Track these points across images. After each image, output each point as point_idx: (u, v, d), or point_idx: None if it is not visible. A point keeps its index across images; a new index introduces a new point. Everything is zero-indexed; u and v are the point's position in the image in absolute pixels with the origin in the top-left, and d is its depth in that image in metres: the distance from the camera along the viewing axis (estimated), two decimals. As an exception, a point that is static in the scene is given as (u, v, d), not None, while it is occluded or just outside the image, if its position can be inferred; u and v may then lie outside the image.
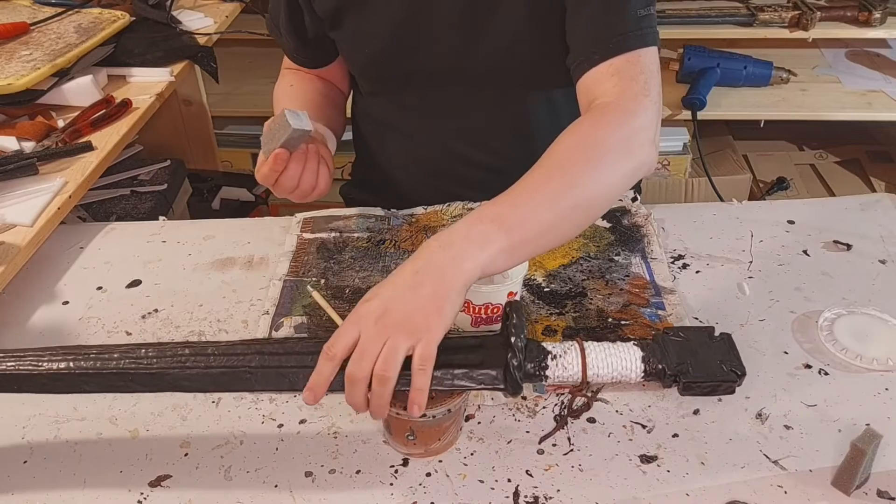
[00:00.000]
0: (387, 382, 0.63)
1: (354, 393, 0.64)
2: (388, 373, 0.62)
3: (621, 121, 0.77)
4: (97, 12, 1.40)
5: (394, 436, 0.72)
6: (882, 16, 1.83)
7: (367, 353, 0.63)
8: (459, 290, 0.65)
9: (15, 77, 1.17)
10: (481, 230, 0.67)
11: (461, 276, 0.65)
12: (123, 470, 0.72)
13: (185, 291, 0.94)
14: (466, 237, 0.67)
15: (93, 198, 1.44)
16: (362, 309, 0.66)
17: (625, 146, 0.75)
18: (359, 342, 0.64)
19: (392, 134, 1.09)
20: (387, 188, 1.13)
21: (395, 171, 1.12)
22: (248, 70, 2.15)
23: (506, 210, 0.70)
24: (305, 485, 0.70)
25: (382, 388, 0.63)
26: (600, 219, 1.01)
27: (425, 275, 0.65)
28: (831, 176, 2.20)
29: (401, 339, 0.63)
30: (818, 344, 0.83)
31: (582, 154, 0.74)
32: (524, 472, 0.70)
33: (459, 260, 0.66)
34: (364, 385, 0.63)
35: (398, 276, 0.67)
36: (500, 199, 0.71)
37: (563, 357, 0.71)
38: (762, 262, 0.95)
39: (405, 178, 1.11)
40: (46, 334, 0.89)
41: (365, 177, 1.20)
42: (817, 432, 0.73)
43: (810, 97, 1.96)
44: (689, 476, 0.69)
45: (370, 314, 0.64)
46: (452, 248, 0.66)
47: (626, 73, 0.80)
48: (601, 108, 0.79)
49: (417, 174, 1.09)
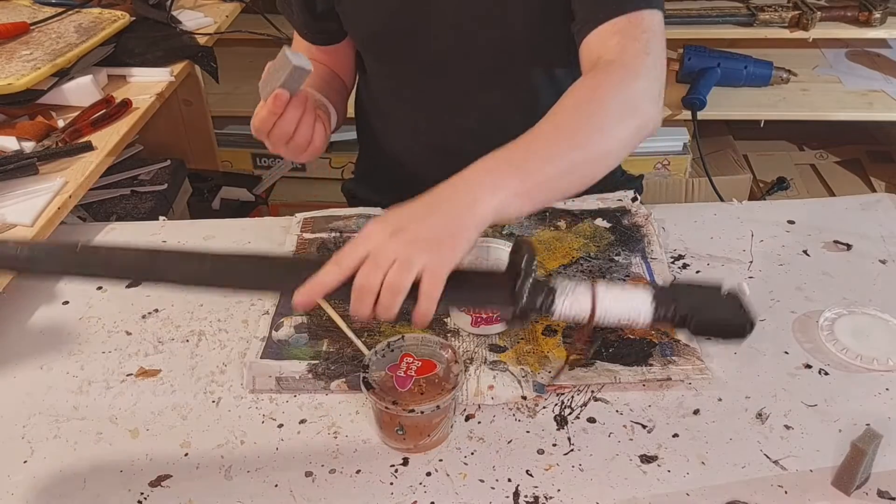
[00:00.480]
0: (398, 293, 0.61)
1: (364, 301, 0.62)
2: (402, 283, 0.61)
3: (624, 78, 0.77)
4: (97, 12, 1.40)
5: (384, 430, 0.73)
6: (882, 16, 1.83)
7: (380, 264, 0.61)
8: (472, 229, 0.64)
9: (15, 77, 1.17)
10: (494, 174, 0.67)
11: (474, 217, 0.64)
12: (123, 470, 0.72)
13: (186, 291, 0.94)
14: (479, 181, 0.67)
15: (93, 198, 1.44)
16: (373, 226, 0.64)
17: (628, 104, 0.75)
18: (371, 254, 0.62)
19: (397, 113, 1.09)
20: (391, 174, 1.13)
21: (401, 153, 1.11)
22: (248, 70, 2.13)
23: (518, 156, 0.69)
24: (305, 485, 0.70)
25: (393, 298, 0.61)
26: (600, 219, 1.01)
27: (437, 208, 0.65)
28: (831, 176, 2.20)
29: (415, 252, 0.61)
30: (818, 344, 0.83)
31: (586, 110, 0.74)
32: (524, 472, 0.70)
33: (472, 201, 0.65)
34: (373, 296, 0.62)
35: (410, 206, 0.66)
36: (511, 147, 0.70)
37: (573, 293, 0.67)
38: (762, 262, 0.95)
39: (410, 159, 1.10)
40: (46, 334, 0.89)
41: (368, 169, 1.20)
42: (817, 432, 0.73)
43: (811, 97, 1.96)
44: (689, 476, 0.69)
45: (383, 230, 0.63)
46: (465, 189, 0.66)
47: (628, 33, 0.80)
48: (604, 66, 0.79)
49: (423, 153, 1.09)
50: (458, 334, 0.84)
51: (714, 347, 0.82)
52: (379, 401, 0.69)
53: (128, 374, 0.82)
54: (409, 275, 0.61)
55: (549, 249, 0.96)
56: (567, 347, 0.79)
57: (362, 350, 0.79)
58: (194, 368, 0.83)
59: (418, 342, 0.75)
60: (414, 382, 0.71)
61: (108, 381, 0.82)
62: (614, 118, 0.74)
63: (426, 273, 0.61)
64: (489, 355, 0.81)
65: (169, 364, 0.84)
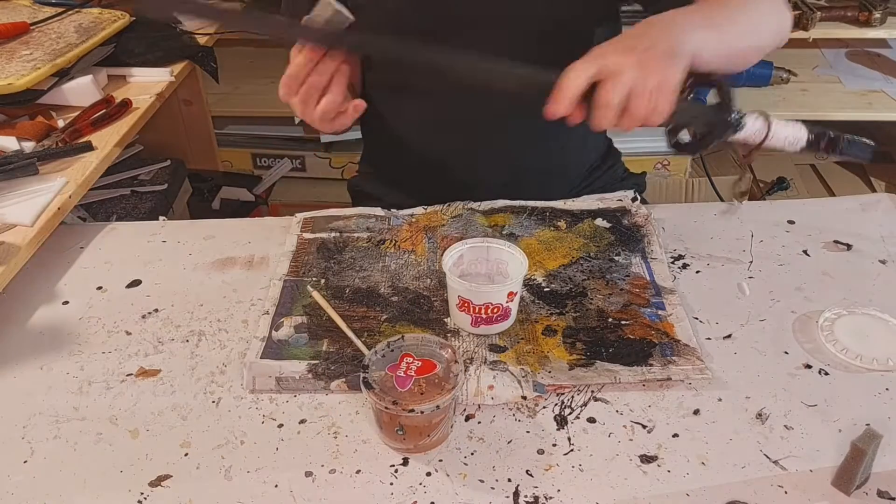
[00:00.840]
0: (661, 114, 0.69)
1: (608, 118, 0.69)
2: (663, 106, 0.69)
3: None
4: (97, 12, 1.41)
5: (384, 430, 0.73)
6: (882, 16, 1.83)
7: (624, 80, 0.68)
8: (685, 56, 0.70)
9: (15, 77, 1.17)
10: (688, 20, 0.75)
11: (684, 46, 0.71)
12: (123, 470, 0.72)
13: (186, 291, 0.94)
14: (679, 24, 0.74)
15: (93, 198, 1.44)
16: (596, 52, 0.71)
17: (776, 11, 0.87)
18: (611, 71, 0.68)
19: (407, 95, 1.06)
20: (398, 167, 1.12)
21: (410, 135, 1.10)
22: (248, 70, 2.15)
23: (702, 16, 0.77)
24: (305, 485, 0.70)
25: (662, 96, 0.68)
26: (600, 219, 1.01)
27: (655, 38, 0.71)
28: (831, 176, 2.20)
29: (659, 69, 0.68)
30: (818, 344, 0.83)
31: (745, 7, 0.83)
32: (524, 472, 0.70)
33: (679, 32, 0.73)
34: (617, 112, 0.69)
35: (626, 36, 0.73)
36: (691, 10, 0.78)
37: (754, 118, 0.81)
38: (762, 262, 0.95)
39: (419, 140, 1.09)
40: (46, 334, 0.89)
41: (373, 164, 1.20)
42: (817, 432, 0.73)
43: (811, 97, 1.96)
44: (689, 476, 0.69)
45: (614, 50, 0.70)
46: (670, 26, 0.73)
47: None
48: None
49: (434, 132, 1.08)
50: (458, 334, 0.84)
51: (714, 347, 0.83)
52: (379, 401, 0.69)
53: (128, 374, 0.82)
54: (672, 94, 0.69)
55: (549, 249, 0.96)
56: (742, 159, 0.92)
57: (362, 350, 0.79)
58: (194, 368, 0.83)
59: (418, 342, 0.75)
60: (414, 382, 0.71)
61: (108, 381, 0.82)
62: (768, 19, 0.86)
63: (663, 84, 0.69)
64: (489, 355, 0.81)
65: (169, 364, 0.84)
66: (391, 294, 0.90)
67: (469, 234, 0.98)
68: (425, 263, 0.95)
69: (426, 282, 0.92)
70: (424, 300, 0.89)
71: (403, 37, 0.76)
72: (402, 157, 1.13)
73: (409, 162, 1.12)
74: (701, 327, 0.86)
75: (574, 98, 0.70)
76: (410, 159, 1.12)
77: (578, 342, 0.83)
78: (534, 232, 0.99)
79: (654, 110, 0.70)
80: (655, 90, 0.69)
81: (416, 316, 0.87)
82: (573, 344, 0.83)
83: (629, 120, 0.70)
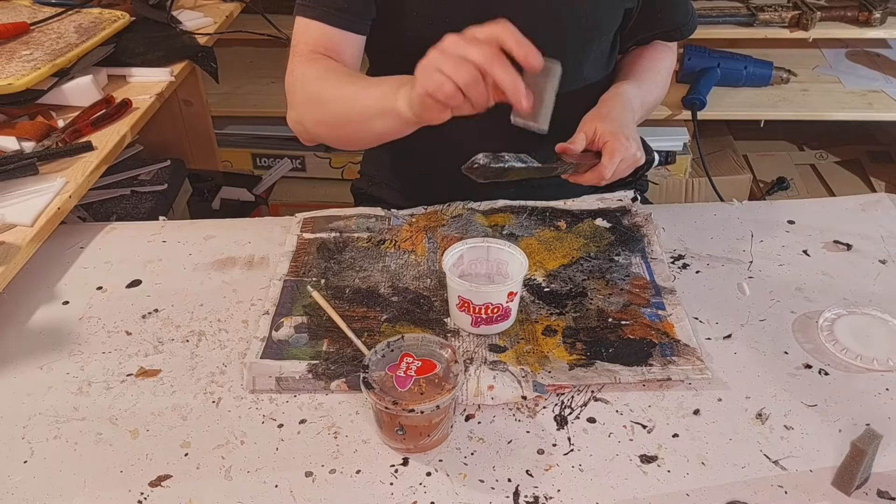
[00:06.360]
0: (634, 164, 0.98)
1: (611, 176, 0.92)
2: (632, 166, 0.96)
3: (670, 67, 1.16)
4: (97, 12, 1.40)
5: (384, 430, 0.73)
6: (882, 16, 1.83)
7: (627, 155, 0.92)
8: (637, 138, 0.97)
9: (15, 77, 1.17)
10: (635, 114, 1.02)
11: (634, 130, 0.98)
12: (123, 470, 0.72)
13: (186, 291, 0.94)
14: (633, 114, 1.01)
15: (93, 198, 1.44)
16: (615, 132, 0.92)
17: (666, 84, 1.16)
18: (623, 148, 0.91)
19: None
20: (400, 164, 1.12)
21: (411, 136, 1.08)
22: (248, 70, 2.15)
23: (640, 101, 1.05)
24: (305, 485, 0.70)
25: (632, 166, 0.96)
26: (600, 219, 1.01)
27: (629, 129, 0.96)
28: (831, 176, 2.20)
29: (637, 150, 0.95)
30: (818, 344, 0.83)
31: (664, 79, 1.13)
32: (524, 472, 0.70)
33: (632, 121, 1.00)
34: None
35: (618, 121, 0.95)
36: (623, 102, 1.00)
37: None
38: (762, 262, 0.95)
39: (419, 153, 1.09)
40: (46, 334, 0.89)
41: (375, 165, 1.20)
42: (817, 432, 0.73)
43: (811, 97, 1.96)
44: (689, 476, 0.69)
45: (622, 134, 0.92)
46: (630, 119, 0.99)
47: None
48: (664, 52, 1.14)
49: (435, 134, 1.05)
50: (458, 334, 0.84)
51: (714, 347, 0.83)
52: (379, 401, 0.69)
53: (128, 374, 0.82)
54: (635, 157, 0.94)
55: (548, 249, 0.96)
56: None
57: (362, 350, 0.79)
58: (194, 369, 0.83)
59: (418, 342, 0.75)
60: (414, 382, 0.71)
61: (108, 381, 0.82)
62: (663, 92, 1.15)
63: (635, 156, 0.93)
64: (489, 355, 0.81)
65: (169, 364, 0.84)
66: (391, 294, 0.90)
67: (469, 234, 0.98)
68: (425, 263, 0.95)
69: (426, 282, 0.92)
70: (424, 300, 0.89)
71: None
72: (403, 159, 1.13)
73: (410, 164, 1.12)
74: (701, 327, 0.86)
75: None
76: (411, 161, 1.12)
77: (578, 342, 0.83)
78: (534, 232, 0.99)
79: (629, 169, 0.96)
80: (634, 162, 0.94)
81: (416, 316, 0.87)
82: (573, 344, 0.83)
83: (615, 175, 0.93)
